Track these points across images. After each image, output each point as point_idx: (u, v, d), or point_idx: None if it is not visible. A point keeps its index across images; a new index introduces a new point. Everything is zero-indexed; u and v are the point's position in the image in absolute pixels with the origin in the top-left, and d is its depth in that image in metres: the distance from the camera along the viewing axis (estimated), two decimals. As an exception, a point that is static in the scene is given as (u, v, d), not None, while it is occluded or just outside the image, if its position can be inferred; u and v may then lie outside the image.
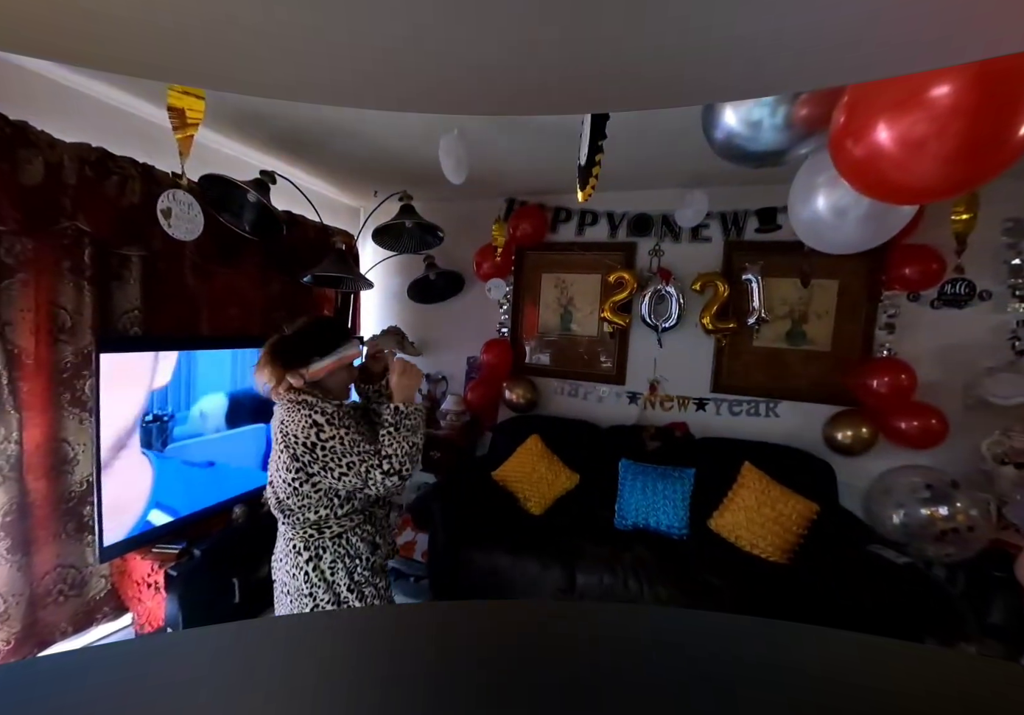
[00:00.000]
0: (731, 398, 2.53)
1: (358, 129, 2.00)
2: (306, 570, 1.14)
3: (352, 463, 1.06)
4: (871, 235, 1.04)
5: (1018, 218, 2.16)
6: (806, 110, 0.85)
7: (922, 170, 0.69)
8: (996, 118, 0.63)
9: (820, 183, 1.00)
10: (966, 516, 1.85)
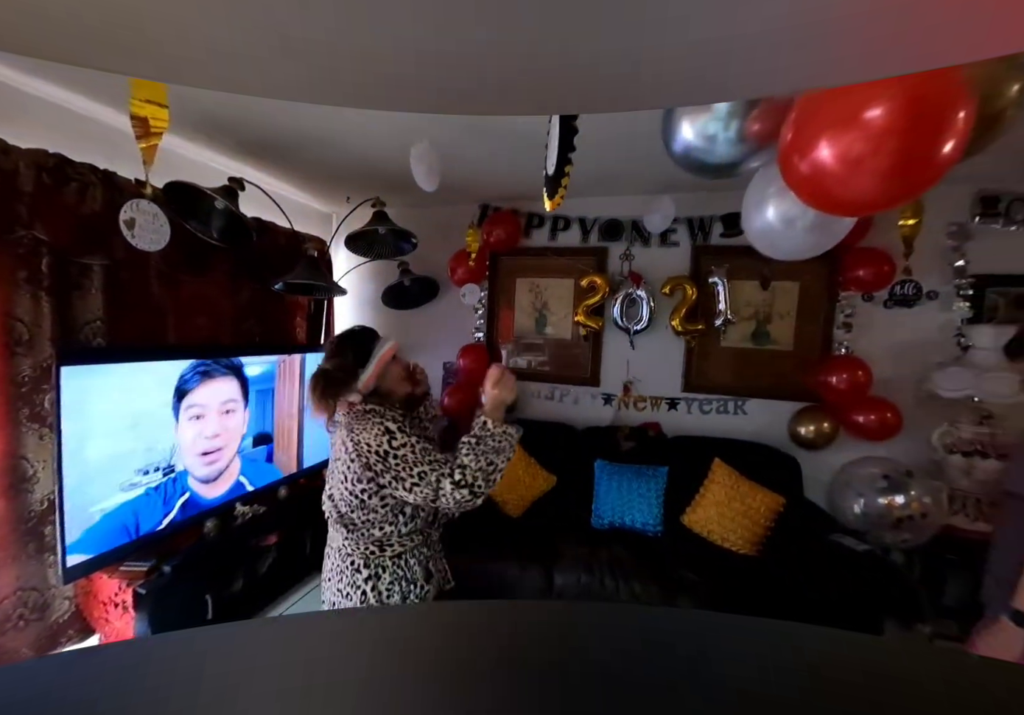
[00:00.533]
0: (701, 397, 2.61)
1: (330, 136, 2.00)
2: (364, 589, 1.11)
3: (423, 473, 1.02)
4: (817, 242, 1.11)
5: (961, 222, 2.31)
6: (757, 125, 0.91)
7: (860, 185, 0.75)
8: (924, 138, 0.69)
9: (771, 194, 1.06)
10: (920, 504, 1.96)
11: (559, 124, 1.10)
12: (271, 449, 2.37)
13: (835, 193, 0.79)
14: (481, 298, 2.90)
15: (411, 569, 1.16)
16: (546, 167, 1.19)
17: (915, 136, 0.69)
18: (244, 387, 2.17)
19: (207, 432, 1.99)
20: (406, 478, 1.03)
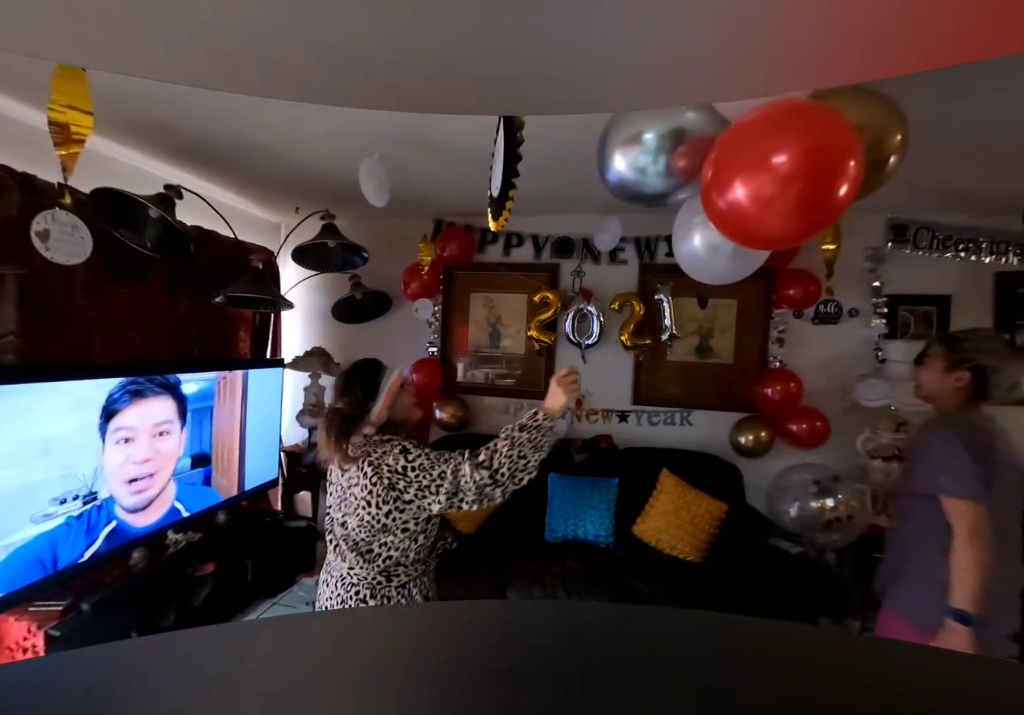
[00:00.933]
0: (650, 409, 2.71)
1: (275, 145, 1.95)
2: None
3: (443, 472, 1.05)
4: (738, 269, 1.21)
5: (876, 247, 2.55)
6: (683, 161, 0.98)
7: (770, 223, 0.82)
8: (823, 182, 0.78)
9: (696, 223, 1.14)
10: (847, 506, 2.11)
11: (503, 147, 1.14)
12: (209, 471, 2.24)
13: (749, 229, 0.86)
14: (435, 312, 2.89)
15: (414, 598, 1.18)
16: (490, 188, 1.21)
17: (815, 180, 0.78)
18: (181, 406, 2.05)
19: (136, 457, 1.85)
20: (429, 484, 1.05)
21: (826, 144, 0.77)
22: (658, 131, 0.98)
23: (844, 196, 0.79)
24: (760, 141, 0.81)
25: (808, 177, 0.77)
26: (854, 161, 0.78)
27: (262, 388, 2.51)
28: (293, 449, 2.87)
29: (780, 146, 0.78)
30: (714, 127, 0.96)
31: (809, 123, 0.78)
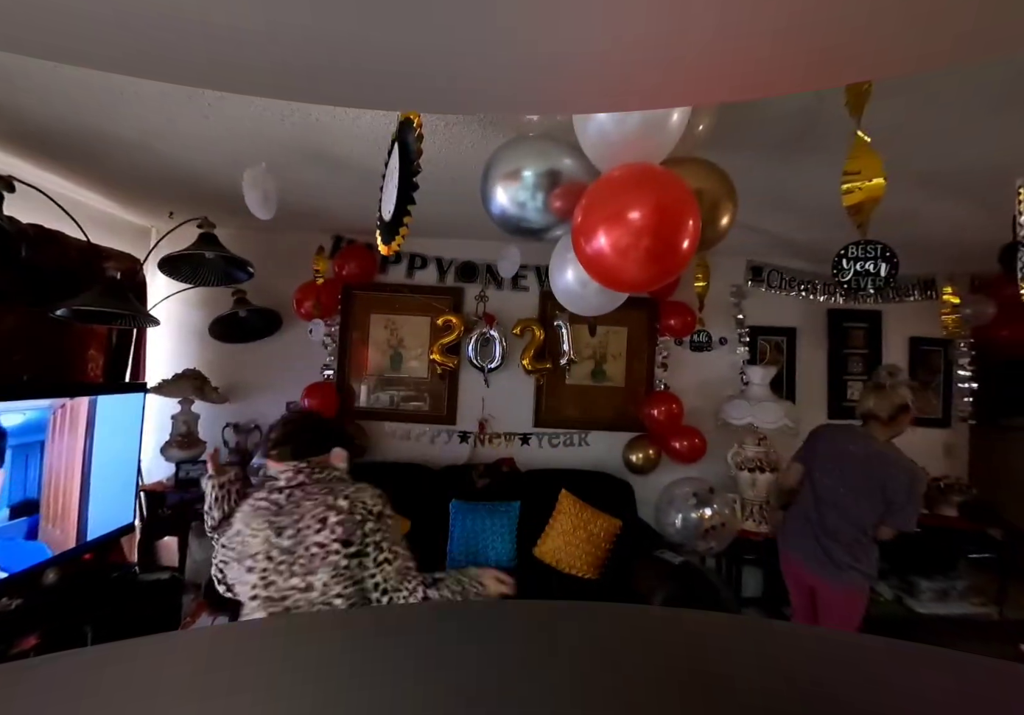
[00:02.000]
0: (550, 431, 2.79)
1: (144, 140, 1.73)
2: None
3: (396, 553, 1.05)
4: (606, 302, 1.34)
5: (739, 285, 2.93)
6: (558, 202, 1.07)
7: (627, 269, 0.93)
8: (669, 236, 0.90)
9: (569, 259, 1.24)
10: (720, 514, 2.33)
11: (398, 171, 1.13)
12: (35, 521, 1.85)
13: (611, 272, 0.97)
14: (331, 333, 2.74)
15: None
16: (380, 211, 1.19)
17: (661, 234, 0.89)
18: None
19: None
20: (384, 549, 1.04)
21: (670, 204, 0.89)
22: (536, 169, 1.07)
23: (686, 249, 0.92)
24: (618, 197, 0.92)
25: (655, 232, 0.88)
26: (692, 220, 0.91)
27: (117, 417, 2.15)
28: (156, 487, 2.49)
29: (633, 203, 0.89)
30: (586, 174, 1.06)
31: (657, 186, 0.90)
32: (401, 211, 1.00)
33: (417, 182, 1.04)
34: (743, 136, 1.47)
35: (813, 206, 2.09)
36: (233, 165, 1.83)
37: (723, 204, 1.12)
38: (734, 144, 1.52)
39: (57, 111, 1.54)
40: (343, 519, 1.02)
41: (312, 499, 1.06)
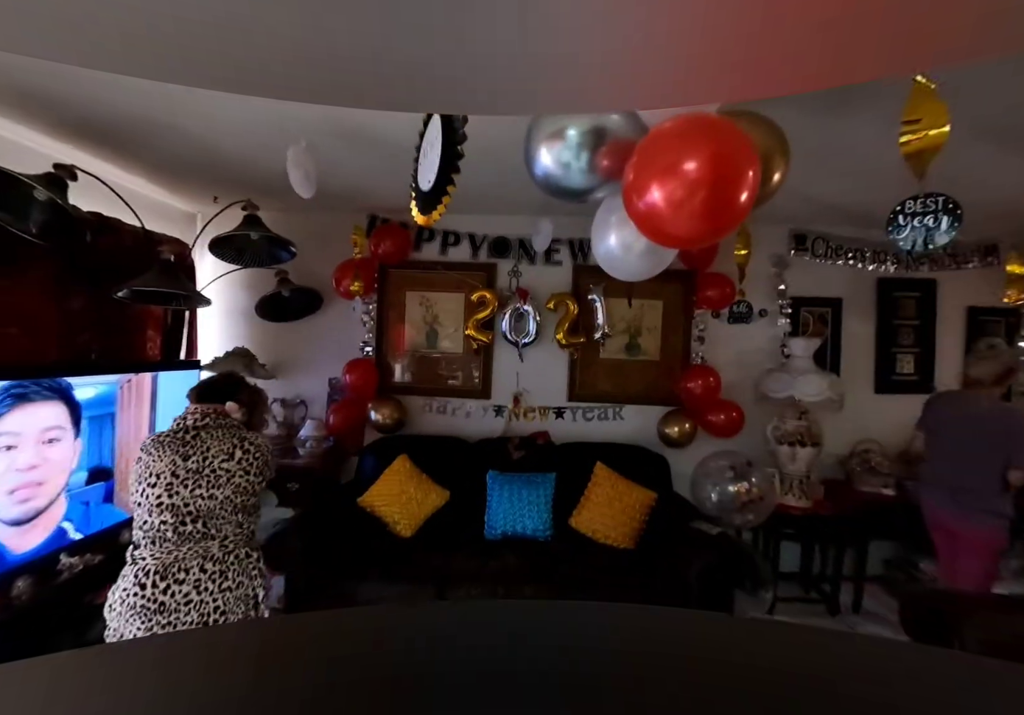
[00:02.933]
0: (584, 405, 2.81)
1: (190, 127, 1.80)
2: (259, 568, 1.37)
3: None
4: (649, 266, 1.31)
5: (780, 254, 2.82)
6: (605, 161, 1.05)
7: (681, 224, 0.90)
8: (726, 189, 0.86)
9: (612, 223, 1.21)
10: (759, 488, 2.31)
11: (441, 141, 1.13)
12: (111, 486, 2.02)
13: (664, 229, 0.94)
14: (369, 311, 2.81)
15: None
16: (416, 181, 1.20)
17: (718, 187, 0.86)
18: (74, 413, 1.83)
19: (20, 464, 1.63)
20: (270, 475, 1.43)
21: (728, 154, 0.86)
22: (580, 128, 1.05)
23: (744, 202, 0.89)
24: (672, 150, 0.89)
25: (712, 183, 0.85)
26: (752, 171, 0.87)
27: (175, 392, 2.30)
28: (212, 458, 2.66)
29: (689, 155, 0.86)
30: (633, 130, 1.03)
31: (714, 135, 0.87)
32: (444, 181, 1.01)
33: (462, 151, 1.05)
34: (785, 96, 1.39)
35: (863, 166, 1.97)
36: (273, 148, 1.88)
37: (775, 159, 1.07)
38: (775, 103, 1.44)
39: (110, 99, 1.61)
40: (252, 458, 1.35)
41: (218, 439, 1.34)
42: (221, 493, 1.30)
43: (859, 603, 2.53)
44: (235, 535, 1.33)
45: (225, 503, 1.32)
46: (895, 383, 2.88)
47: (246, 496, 1.35)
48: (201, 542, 1.28)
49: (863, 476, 2.61)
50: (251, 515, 1.40)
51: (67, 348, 2.03)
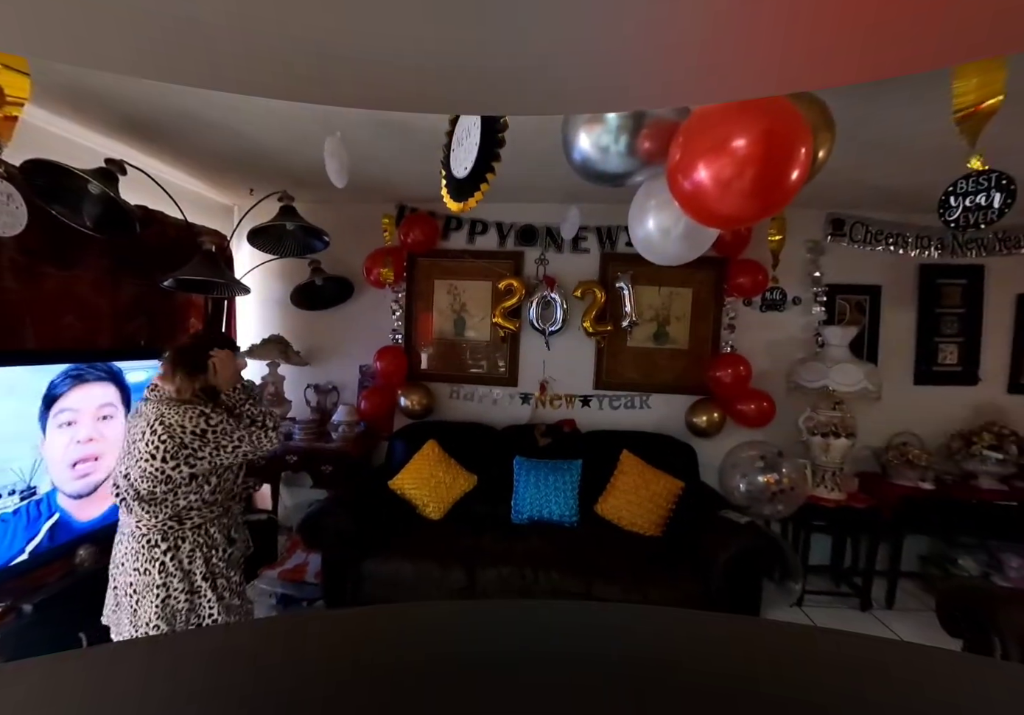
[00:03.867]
0: (611, 394, 2.80)
1: (227, 122, 1.86)
2: (163, 561, 1.25)
3: (242, 436, 1.30)
4: (688, 250, 1.30)
5: (816, 240, 2.73)
6: (646, 143, 1.04)
7: (729, 202, 0.89)
8: (777, 166, 0.85)
9: (651, 206, 1.20)
10: (789, 479, 2.28)
11: (481, 127, 1.15)
12: (161, 463, 2.13)
13: (711, 208, 0.93)
14: (398, 300, 2.86)
15: (212, 537, 1.34)
16: (448, 167, 1.21)
17: (770, 164, 0.85)
18: (125, 395, 1.94)
19: (80, 437, 1.75)
20: (227, 444, 1.28)
21: (780, 130, 0.84)
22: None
23: (795, 180, 0.87)
24: (720, 126, 0.87)
25: (763, 160, 0.84)
26: (804, 148, 0.86)
27: (216, 377, 2.41)
28: (250, 440, 2.78)
29: (740, 132, 0.84)
30: (673, 111, 1.02)
31: (765, 111, 0.85)
32: (483, 168, 1.03)
33: (503, 138, 1.06)
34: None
35: (906, 148, 1.89)
36: (308, 141, 1.93)
37: (820, 135, 1.04)
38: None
39: (153, 96, 1.68)
40: (162, 440, 1.22)
41: (144, 415, 1.27)
42: (133, 472, 1.24)
43: (892, 598, 2.48)
44: (147, 520, 1.25)
45: (135, 486, 1.24)
46: (936, 374, 2.77)
47: (152, 483, 1.22)
48: (127, 515, 1.29)
49: (900, 469, 2.53)
50: (160, 505, 1.24)
51: (118, 335, 2.15)
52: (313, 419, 2.78)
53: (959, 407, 2.72)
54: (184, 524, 1.29)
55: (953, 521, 2.48)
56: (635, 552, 2.09)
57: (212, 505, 1.34)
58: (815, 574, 2.61)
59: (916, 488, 2.47)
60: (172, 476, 1.23)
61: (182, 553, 1.28)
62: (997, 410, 2.69)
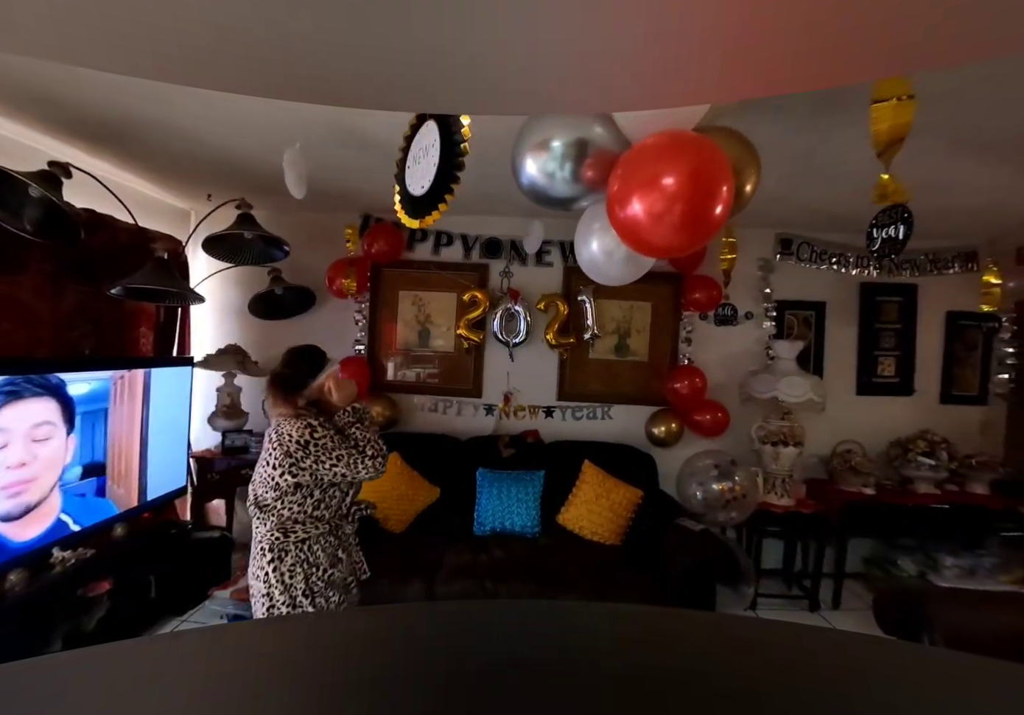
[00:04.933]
0: (573, 405, 2.85)
1: (185, 126, 1.82)
2: (267, 571, 1.28)
3: (340, 455, 1.30)
4: (630, 272, 1.36)
5: (767, 258, 2.88)
6: (589, 172, 1.09)
7: (661, 235, 0.95)
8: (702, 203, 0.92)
9: (595, 229, 1.26)
10: (742, 486, 2.37)
11: (440, 147, 1.17)
12: (103, 481, 2.04)
13: (644, 238, 0.99)
14: (362, 310, 2.84)
15: (315, 554, 1.33)
16: (403, 184, 1.23)
17: (696, 201, 0.91)
18: (67, 409, 1.85)
19: (10, 462, 1.65)
20: (325, 460, 1.28)
21: (705, 170, 0.91)
22: (565, 140, 1.09)
23: (719, 215, 0.94)
24: (653, 164, 0.94)
25: (690, 198, 0.90)
26: (727, 186, 0.93)
27: (167, 389, 2.32)
28: (204, 454, 2.68)
29: (669, 170, 0.91)
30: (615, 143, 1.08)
31: (692, 152, 0.92)
32: (442, 188, 1.05)
33: (463, 162, 1.08)
34: (771, 104, 1.44)
35: (846, 174, 2.03)
36: (268, 148, 1.91)
37: (747, 172, 1.13)
38: (762, 112, 1.49)
39: (105, 96, 1.63)
40: (275, 447, 1.30)
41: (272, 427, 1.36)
42: (256, 478, 1.33)
43: (839, 599, 2.60)
44: (259, 527, 1.32)
45: (256, 490, 1.32)
46: (876, 385, 2.95)
47: (264, 488, 1.29)
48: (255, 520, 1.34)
49: (844, 476, 2.67)
50: (268, 512, 1.29)
51: (61, 344, 2.05)
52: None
53: (897, 416, 2.91)
54: (288, 537, 1.30)
55: (893, 524, 2.64)
56: (595, 561, 2.13)
57: (317, 521, 1.34)
58: (768, 578, 2.71)
59: (859, 493, 2.61)
60: (279, 483, 1.28)
61: (284, 566, 1.29)
62: (930, 419, 2.89)
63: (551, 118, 1.13)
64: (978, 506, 2.60)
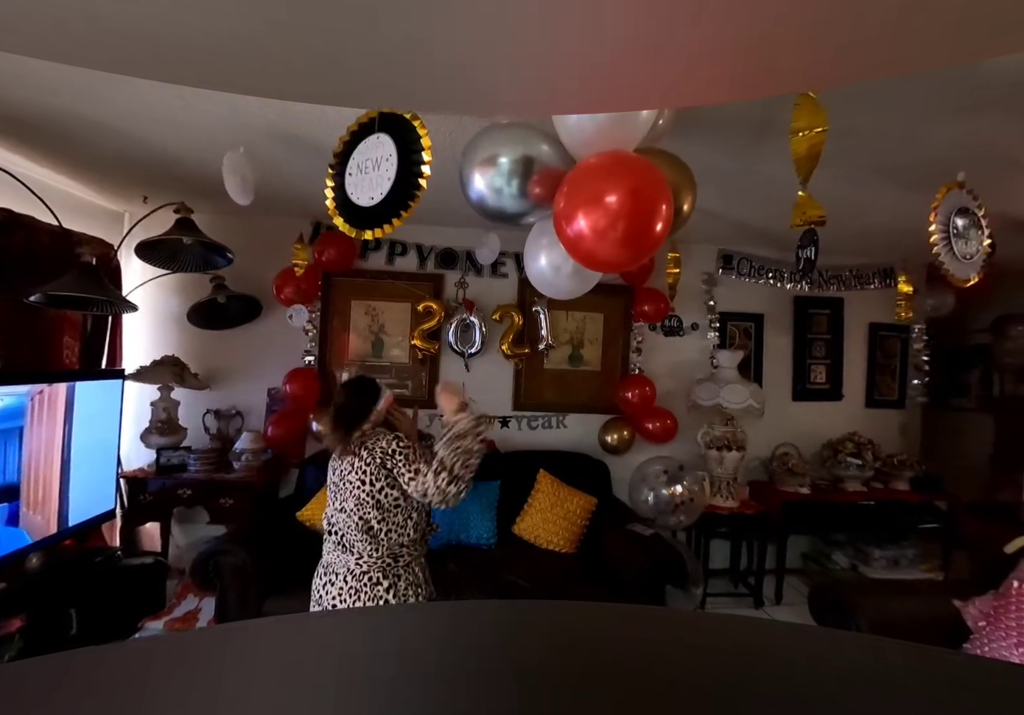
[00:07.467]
0: (529, 414, 2.88)
1: (118, 124, 1.71)
2: (386, 598, 1.29)
3: (418, 469, 1.27)
4: (577, 286, 1.42)
5: (710, 272, 3.04)
6: (537, 188, 1.13)
7: (605, 250, 1.00)
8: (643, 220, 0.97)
9: (543, 244, 1.31)
10: (690, 490, 2.46)
11: (398, 163, 1.16)
12: (16, 507, 1.85)
13: (590, 253, 1.04)
14: (312, 319, 2.75)
15: (418, 576, 1.39)
16: (345, 190, 1.22)
17: (637, 218, 0.97)
18: (-26, 427, 1.68)
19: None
20: (405, 472, 1.29)
21: (645, 190, 0.97)
22: (512, 156, 1.13)
23: (659, 232, 1.00)
24: (596, 182, 0.98)
25: (631, 215, 0.96)
26: (665, 205, 0.99)
27: (95, 404, 2.15)
28: (137, 474, 2.49)
29: (611, 189, 0.96)
30: (561, 161, 1.12)
31: (633, 172, 0.97)
32: (397, 204, 1.05)
33: (424, 183, 1.08)
34: (705, 127, 1.54)
35: (777, 195, 2.19)
36: (210, 149, 1.83)
37: (683, 192, 1.20)
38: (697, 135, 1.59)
39: (28, 92, 1.52)
40: (367, 464, 1.31)
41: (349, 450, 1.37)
42: (348, 505, 1.31)
43: (780, 594, 2.74)
44: (367, 555, 1.30)
45: (354, 517, 1.30)
46: (809, 392, 3.17)
47: (366, 509, 1.29)
48: (343, 554, 1.33)
49: (783, 477, 2.84)
50: (377, 539, 1.30)
51: (-33, 356, 1.86)
52: (212, 448, 2.56)
53: (828, 420, 3.13)
54: (398, 562, 1.33)
55: (827, 521, 2.82)
56: (550, 569, 2.14)
57: (416, 543, 1.39)
58: (716, 577, 2.82)
59: (796, 493, 2.78)
60: (381, 501, 1.30)
61: (399, 590, 1.31)
62: (857, 422, 3.12)
63: (497, 133, 1.16)
64: (900, 501, 2.83)
